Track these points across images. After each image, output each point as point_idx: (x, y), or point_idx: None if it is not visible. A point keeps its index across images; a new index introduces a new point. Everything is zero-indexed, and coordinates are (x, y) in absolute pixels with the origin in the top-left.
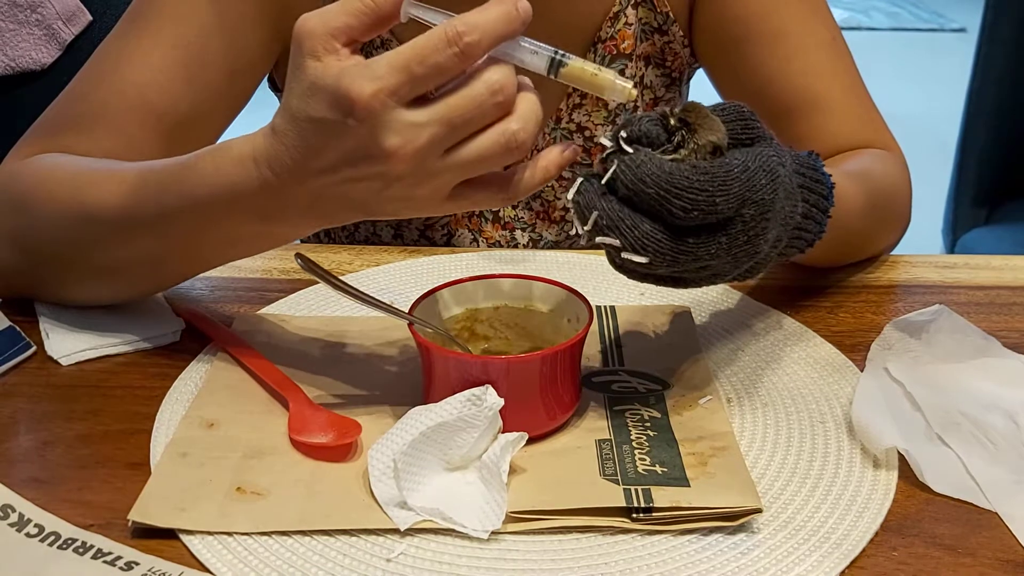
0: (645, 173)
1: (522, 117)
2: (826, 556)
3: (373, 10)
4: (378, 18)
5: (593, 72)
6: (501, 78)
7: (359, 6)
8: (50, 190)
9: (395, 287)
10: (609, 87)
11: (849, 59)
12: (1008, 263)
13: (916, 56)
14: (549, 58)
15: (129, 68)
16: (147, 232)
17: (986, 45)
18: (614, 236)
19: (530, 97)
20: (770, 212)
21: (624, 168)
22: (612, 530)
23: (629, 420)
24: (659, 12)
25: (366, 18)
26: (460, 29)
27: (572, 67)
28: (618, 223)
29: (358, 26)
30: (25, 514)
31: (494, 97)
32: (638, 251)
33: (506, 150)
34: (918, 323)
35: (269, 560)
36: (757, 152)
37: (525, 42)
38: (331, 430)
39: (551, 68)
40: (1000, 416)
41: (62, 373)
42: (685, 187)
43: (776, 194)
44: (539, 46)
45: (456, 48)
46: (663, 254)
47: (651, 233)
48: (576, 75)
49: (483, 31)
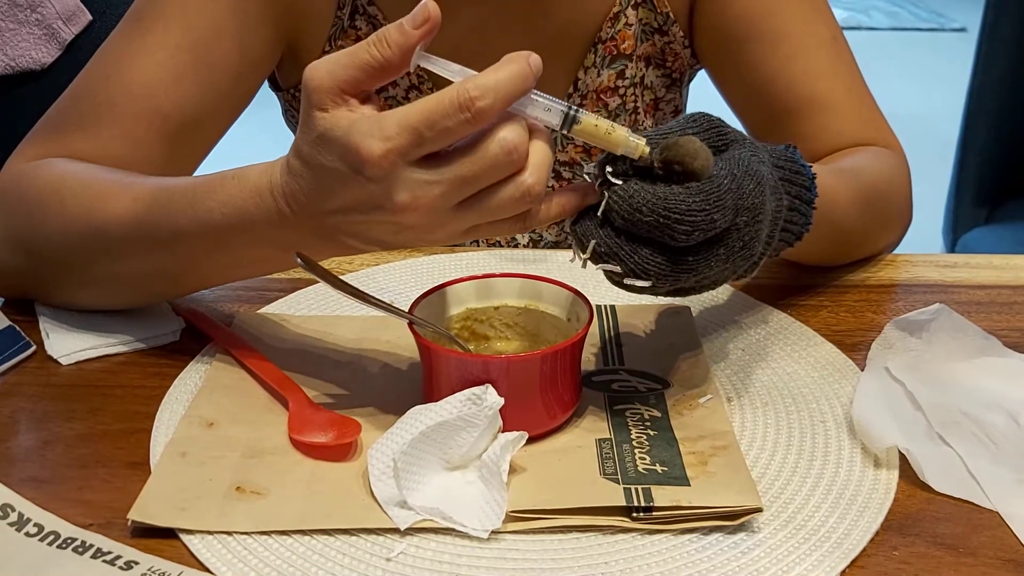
0: (640, 203)
1: (536, 169)
2: (827, 555)
3: (381, 63)
4: (386, 69)
5: (608, 130)
6: (515, 138)
7: (367, 59)
8: (62, 199)
9: (395, 286)
10: (623, 144)
11: (850, 58)
12: (1009, 262)
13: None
14: (563, 114)
15: (134, 68)
16: (159, 249)
17: (986, 45)
18: (614, 263)
19: (540, 146)
20: (762, 215)
21: (617, 199)
22: (612, 529)
23: (629, 419)
24: (659, 12)
25: (373, 71)
26: (473, 94)
27: (586, 124)
28: (617, 250)
29: (365, 79)
30: (25, 513)
31: (508, 156)
32: (639, 276)
33: (520, 203)
34: (919, 322)
35: (269, 560)
36: (737, 157)
37: (537, 95)
38: (331, 429)
39: (564, 124)
40: (1001, 415)
41: (62, 373)
42: (684, 211)
43: (764, 195)
44: (553, 101)
45: (468, 114)
46: (665, 276)
47: (651, 257)
48: (589, 131)
49: (496, 94)
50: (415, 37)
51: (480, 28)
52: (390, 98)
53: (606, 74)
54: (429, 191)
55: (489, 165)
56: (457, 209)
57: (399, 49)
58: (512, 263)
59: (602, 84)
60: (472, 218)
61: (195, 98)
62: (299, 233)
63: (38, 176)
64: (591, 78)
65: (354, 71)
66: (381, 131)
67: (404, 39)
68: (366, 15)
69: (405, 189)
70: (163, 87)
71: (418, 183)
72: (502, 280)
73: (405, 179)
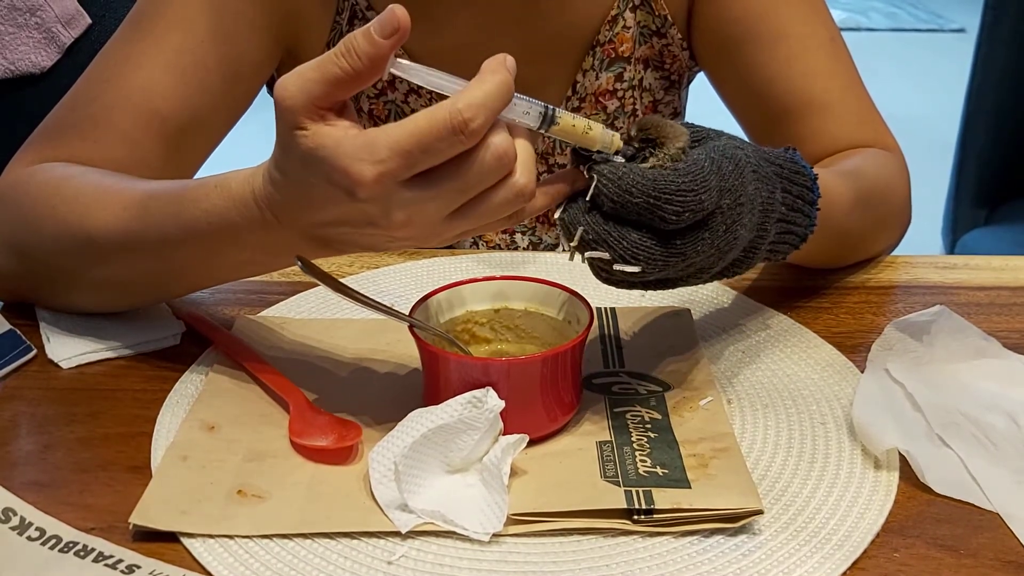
0: (630, 184)
1: (524, 168)
2: (828, 557)
3: (351, 74)
4: (357, 80)
5: (585, 129)
6: (503, 142)
7: (336, 72)
8: (54, 207)
9: (395, 289)
10: (600, 140)
11: (848, 59)
12: (1008, 264)
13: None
14: (540, 115)
15: (133, 73)
16: (149, 255)
17: (985, 45)
18: (603, 249)
19: (524, 145)
20: (742, 196)
21: (606, 181)
22: (613, 532)
23: (630, 422)
24: (657, 15)
25: (344, 83)
26: (466, 116)
27: (563, 124)
28: (605, 236)
29: (337, 92)
30: (26, 518)
31: (499, 162)
32: (629, 261)
33: (514, 204)
34: (919, 324)
35: (270, 563)
36: (712, 146)
37: (517, 99)
38: (332, 433)
39: (543, 124)
40: (1001, 416)
41: (63, 376)
42: (673, 191)
43: (744, 177)
44: (531, 103)
45: (462, 135)
46: (655, 260)
47: (640, 241)
48: (567, 131)
49: (487, 111)
50: (385, 48)
51: (478, 31)
52: (389, 102)
53: (604, 77)
54: (424, 208)
55: (483, 174)
56: (452, 217)
57: (369, 60)
58: (512, 266)
59: (600, 87)
60: (466, 224)
61: (193, 102)
62: (285, 238)
63: (34, 181)
64: (589, 81)
65: (324, 86)
66: (372, 154)
67: (375, 50)
68: (365, 20)
69: (399, 208)
70: (161, 91)
71: (412, 200)
72: (502, 283)
73: (399, 199)
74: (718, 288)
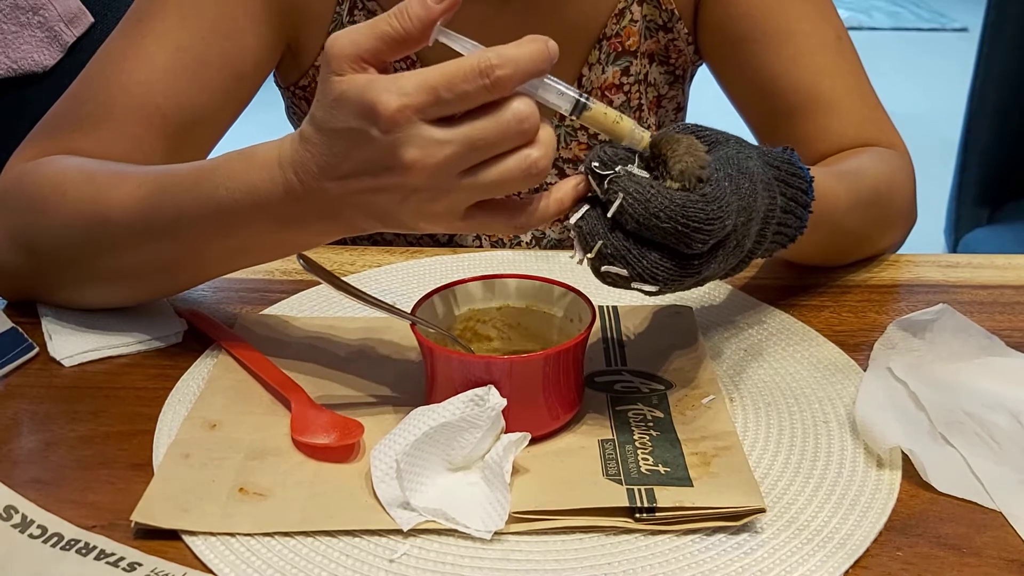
0: (658, 208)
1: (543, 145)
2: (830, 556)
3: (401, 35)
4: (406, 42)
5: (616, 119)
6: (527, 108)
7: (388, 30)
8: (64, 192)
9: (397, 288)
10: (628, 135)
11: (855, 58)
12: (1011, 262)
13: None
14: (574, 100)
15: (134, 69)
16: (162, 236)
17: (988, 44)
18: (620, 266)
19: (548, 129)
20: (754, 212)
21: (633, 201)
22: (615, 530)
23: (632, 420)
24: (664, 9)
25: (394, 42)
26: (494, 62)
27: (595, 111)
28: (625, 254)
29: (386, 49)
30: (28, 515)
31: (520, 125)
32: (647, 280)
33: (526, 176)
34: (921, 322)
35: (272, 561)
36: (727, 158)
37: (551, 80)
38: (333, 431)
39: (575, 110)
40: (1004, 415)
41: (64, 374)
42: (703, 220)
43: (757, 193)
44: (565, 87)
45: (487, 80)
46: (672, 280)
47: (659, 262)
48: (598, 119)
49: (516, 66)
50: (436, 12)
51: (484, 25)
52: None
53: (611, 71)
54: (438, 150)
55: (501, 131)
56: (462, 176)
57: (420, 23)
58: (514, 264)
59: (607, 81)
60: (476, 191)
61: (194, 97)
62: (303, 205)
63: (39, 173)
64: (596, 75)
65: (375, 41)
66: (399, 88)
67: (426, 13)
68: (365, 9)
69: (415, 146)
70: (162, 87)
71: (429, 141)
72: (504, 281)
73: (416, 136)
74: (720, 286)
